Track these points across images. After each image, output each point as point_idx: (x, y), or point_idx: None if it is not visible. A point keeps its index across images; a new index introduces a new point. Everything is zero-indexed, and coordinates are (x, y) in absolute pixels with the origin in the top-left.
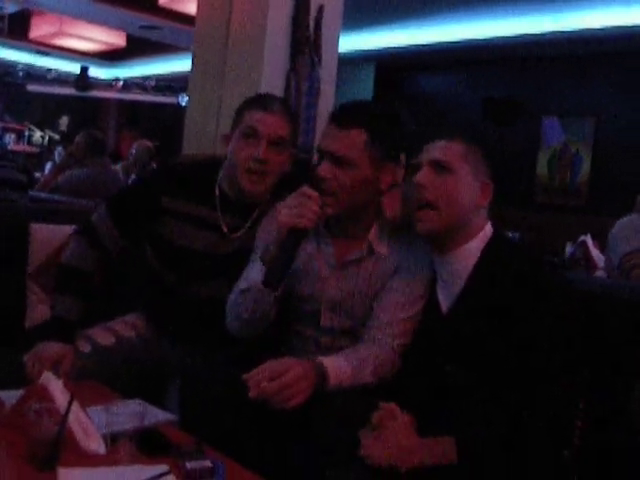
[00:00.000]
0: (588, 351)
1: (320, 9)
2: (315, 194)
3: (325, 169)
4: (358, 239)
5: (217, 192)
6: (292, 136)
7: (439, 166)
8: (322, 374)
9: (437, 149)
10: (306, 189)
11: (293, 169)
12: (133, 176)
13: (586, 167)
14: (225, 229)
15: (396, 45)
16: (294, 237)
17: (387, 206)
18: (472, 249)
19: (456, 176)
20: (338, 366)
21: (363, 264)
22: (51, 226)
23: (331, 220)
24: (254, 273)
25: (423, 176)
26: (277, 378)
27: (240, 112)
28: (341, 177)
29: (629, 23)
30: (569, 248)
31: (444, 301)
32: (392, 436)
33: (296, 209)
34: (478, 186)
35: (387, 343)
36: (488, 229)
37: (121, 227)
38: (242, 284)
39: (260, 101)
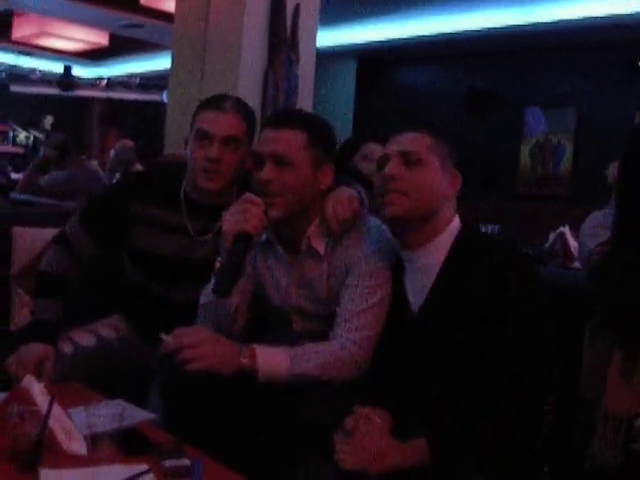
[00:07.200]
0: (561, 344)
1: (296, 8)
2: (258, 200)
3: (268, 172)
4: (302, 241)
5: (182, 195)
6: (248, 134)
7: (409, 157)
8: (249, 353)
9: (406, 140)
10: (249, 195)
11: None
12: (117, 175)
13: (568, 157)
14: (192, 233)
15: (377, 39)
16: (240, 244)
17: (332, 209)
18: (441, 244)
19: (426, 167)
20: (270, 350)
21: (317, 269)
22: (34, 229)
23: (276, 227)
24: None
25: (393, 167)
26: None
27: (194, 115)
28: (284, 178)
29: (610, 13)
30: (551, 238)
31: (413, 298)
32: (364, 441)
33: (240, 215)
34: (447, 177)
35: (347, 338)
36: (456, 222)
37: (94, 236)
38: (202, 298)
39: (212, 102)
